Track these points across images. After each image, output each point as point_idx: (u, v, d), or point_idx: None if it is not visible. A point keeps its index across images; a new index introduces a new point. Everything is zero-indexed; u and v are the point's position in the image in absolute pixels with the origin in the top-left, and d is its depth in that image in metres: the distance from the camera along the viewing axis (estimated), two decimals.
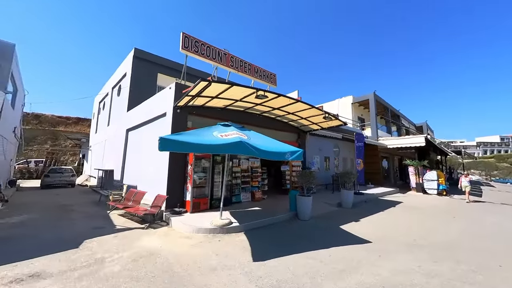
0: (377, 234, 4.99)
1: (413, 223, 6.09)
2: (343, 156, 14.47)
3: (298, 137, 11.24)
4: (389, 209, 7.94)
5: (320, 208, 7.44)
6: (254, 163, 8.64)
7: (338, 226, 5.55)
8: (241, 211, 6.44)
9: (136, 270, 3.14)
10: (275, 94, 6.46)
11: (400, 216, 6.83)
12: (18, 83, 10.20)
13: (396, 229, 5.46)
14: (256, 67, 9.62)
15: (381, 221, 6.17)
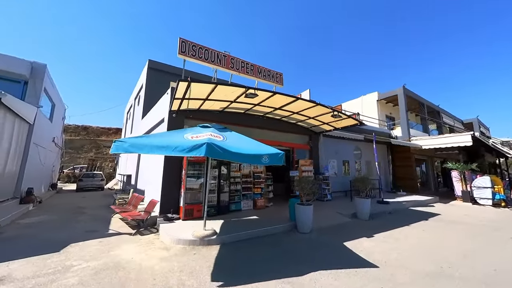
0: (390, 256, 3.97)
1: (446, 243, 4.77)
2: (366, 159, 12.87)
3: (309, 139, 10.34)
4: (419, 222, 6.51)
5: (329, 219, 6.50)
6: (257, 168, 8.10)
7: (342, 242, 4.64)
8: (235, 220, 5.96)
9: (90, 285, 2.92)
10: (269, 92, 5.93)
11: (431, 233, 5.47)
12: (55, 99, 11.68)
13: (420, 250, 4.29)
14: (259, 67, 9.19)
15: (402, 238, 4.99)
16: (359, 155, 12.65)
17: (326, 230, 5.58)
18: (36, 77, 8.85)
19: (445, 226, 6.15)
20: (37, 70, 8.87)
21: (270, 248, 4.26)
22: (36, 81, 8.83)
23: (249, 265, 3.52)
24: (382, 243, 4.67)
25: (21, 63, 8.37)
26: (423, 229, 5.82)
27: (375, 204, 8.87)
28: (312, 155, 10.20)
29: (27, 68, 8.54)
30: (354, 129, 12.23)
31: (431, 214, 7.77)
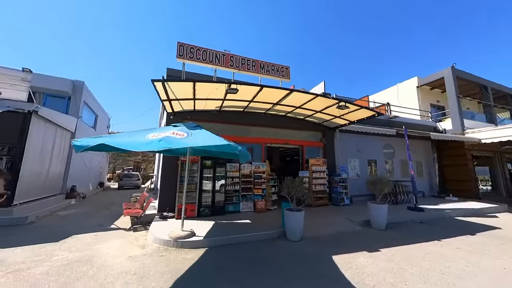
0: (385, 279, 3.07)
1: (484, 271, 3.44)
2: (402, 158, 10.85)
3: (322, 135, 9.32)
4: (459, 237, 4.99)
5: (333, 226, 5.62)
6: (259, 168, 7.68)
7: (332, 255, 3.86)
8: (225, 223, 5.72)
9: (52, 276, 3.13)
10: (255, 85, 5.51)
11: (467, 253, 4.07)
12: (97, 110, 13.76)
13: (435, 277, 3.20)
14: (262, 63, 8.76)
15: (417, 257, 3.85)
16: (390, 154, 10.78)
17: (322, 239, 4.81)
18: (77, 92, 10.53)
19: (498, 246, 4.52)
20: (77, 87, 10.56)
21: (245, 257, 3.84)
22: (77, 96, 10.52)
23: (210, 276, 3.21)
24: (383, 261, 3.69)
25: (65, 82, 10.11)
26: (458, 247, 4.41)
27: (404, 210, 7.36)
28: (326, 153, 9.15)
29: (69, 86, 10.26)
30: (383, 122, 10.59)
31: (485, 227, 5.90)
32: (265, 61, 8.81)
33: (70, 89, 10.30)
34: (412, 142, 11.06)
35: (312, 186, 8.30)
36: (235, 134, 7.99)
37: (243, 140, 8.17)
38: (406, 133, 8.47)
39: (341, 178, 8.52)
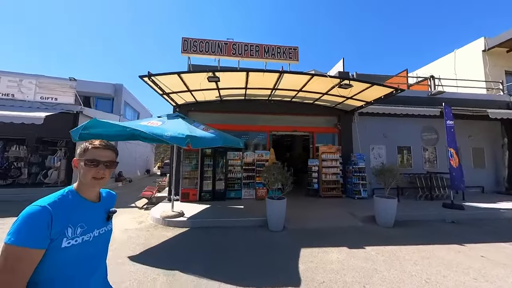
0: (339, 278, 2.68)
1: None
2: None
3: (338, 120, 8.37)
4: (492, 244, 3.82)
5: (329, 220, 5.18)
6: (262, 156, 7.58)
7: (304, 247, 3.59)
8: (219, 208, 5.99)
9: None
10: (238, 71, 5.34)
11: (486, 265, 3.07)
12: (138, 108, 16.03)
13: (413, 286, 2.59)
14: (266, 46, 8.33)
15: (410, 260, 3.15)
16: (433, 140, 8.84)
17: (308, 231, 4.49)
18: (118, 94, 12.51)
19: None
20: (118, 89, 12.52)
21: (215, 241, 3.98)
22: (118, 97, 12.50)
23: (178, 253, 3.50)
24: (359, 259, 3.20)
25: (107, 86, 12.12)
26: (482, 255, 3.39)
27: (436, 207, 6.06)
28: (342, 140, 8.22)
29: (111, 89, 12.26)
30: (423, 100, 8.70)
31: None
32: (270, 44, 8.38)
33: (112, 92, 12.31)
34: (468, 124, 8.76)
35: (322, 176, 7.69)
36: (239, 123, 8.06)
37: (247, 128, 8.18)
38: (448, 111, 6.71)
39: (357, 167, 7.55)
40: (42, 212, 0.77)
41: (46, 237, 0.76)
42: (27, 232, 0.74)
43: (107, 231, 1.00)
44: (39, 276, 0.77)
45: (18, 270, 0.73)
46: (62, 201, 0.85)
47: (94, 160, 0.90)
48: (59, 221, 0.79)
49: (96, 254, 0.94)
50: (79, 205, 0.89)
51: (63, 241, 0.80)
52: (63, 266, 0.81)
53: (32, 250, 0.74)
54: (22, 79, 7.88)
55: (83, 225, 0.87)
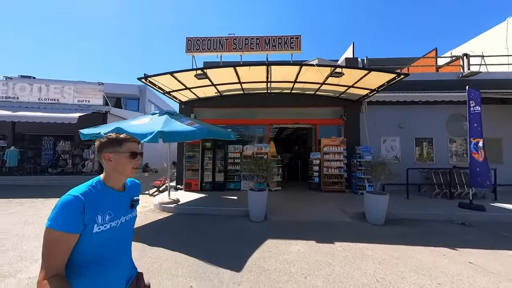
0: (295, 270, 2.73)
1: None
2: (488, 135, 7.39)
3: (343, 111, 7.86)
4: (494, 251, 3.27)
5: (318, 214, 5.08)
6: (261, 149, 7.68)
7: (272, 238, 3.69)
8: (215, 197, 6.40)
9: None
10: (225, 67, 5.49)
11: (469, 271, 2.66)
12: (161, 104, 17.55)
13: (355, 283, 2.48)
14: (267, 38, 8.21)
15: (376, 259, 2.95)
16: (462, 129, 7.58)
17: (289, 224, 4.51)
18: (142, 94, 13.96)
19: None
20: (142, 90, 13.97)
21: (197, 226, 4.35)
22: (143, 96, 13.96)
23: (155, 232, 4.02)
24: (321, 254, 3.15)
25: (133, 87, 13.62)
26: (471, 261, 2.96)
27: (450, 207, 5.35)
28: (347, 132, 7.71)
29: (137, 90, 13.74)
30: (451, 84, 7.49)
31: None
32: (270, 36, 8.27)
33: (138, 92, 13.79)
34: (506, 110, 7.24)
35: (324, 169, 7.42)
36: (239, 117, 8.27)
37: (247, 122, 8.33)
38: (475, 96, 5.65)
39: (363, 161, 7.03)
40: (76, 201, 0.86)
41: (80, 223, 0.85)
42: (63, 218, 0.83)
43: (132, 217, 1.09)
44: (76, 257, 0.88)
45: (57, 251, 0.82)
46: (92, 191, 0.93)
47: (134, 153, 1.00)
48: (91, 209, 0.88)
49: (123, 238, 1.04)
50: (107, 195, 0.97)
51: (94, 227, 0.89)
52: (96, 249, 0.91)
53: (68, 234, 0.83)
54: (64, 86, 9.51)
55: (110, 213, 0.95)
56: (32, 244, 3.42)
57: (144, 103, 14.05)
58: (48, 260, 0.82)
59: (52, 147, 9.63)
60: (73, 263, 0.89)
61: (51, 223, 0.83)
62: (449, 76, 7.78)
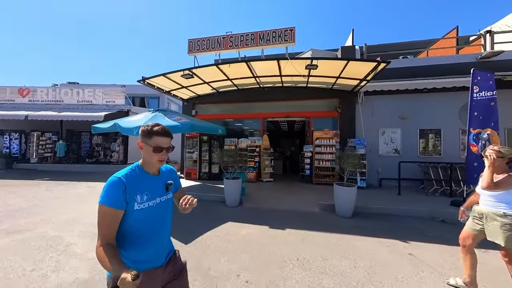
0: (219, 248, 3.14)
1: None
2: (508, 124, 6.38)
3: (338, 102, 7.62)
4: (452, 246, 3.11)
5: (292, 204, 5.31)
6: (255, 142, 8.05)
7: (231, 221, 4.13)
8: (208, 185, 7.08)
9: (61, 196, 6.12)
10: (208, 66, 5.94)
11: (402, 262, 2.64)
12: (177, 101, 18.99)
13: (261, 264, 2.74)
14: (261, 33, 8.28)
15: (306, 241, 3.15)
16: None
17: (260, 211, 4.86)
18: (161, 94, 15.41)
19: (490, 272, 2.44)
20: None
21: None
22: (162, 95, 15.43)
23: None
24: (261, 237, 3.46)
25: None
26: (411, 253, 2.91)
27: (439, 204, 4.98)
28: (343, 124, 7.49)
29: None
30: (470, 66, 6.59)
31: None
32: (264, 30, 8.35)
33: (158, 92, 15.26)
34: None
35: (315, 162, 7.42)
36: (235, 112, 8.72)
37: (242, 116, 8.73)
38: (484, 79, 4.95)
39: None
40: (119, 182, 0.99)
41: (123, 200, 0.98)
42: (109, 196, 0.97)
43: (168, 199, 1.20)
44: (124, 231, 1.03)
45: (107, 223, 0.97)
46: (131, 174, 1.06)
47: (158, 148, 1.07)
48: (131, 189, 1.01)
49: (161, 217, 1.15)
50: (144, 178, 1.09)
51: (134, 205, 1.01)
52: (137, 223, 1.04)
53: (114, 209, 0.96)
54: (95, 89, 11.28)
55: (148, 193, 1.07)
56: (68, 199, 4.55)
57: (164, 101, 15.54)
58: (101, 230, 0.97)
59: (88, 141, 11.62)
60: (122, 235, 1.04)
61: (101, 199, 0.98)
62: (465, 58, 6.79)
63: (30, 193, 6.13)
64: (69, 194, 6.12)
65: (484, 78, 4.88)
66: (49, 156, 11.32)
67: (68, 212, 4.54)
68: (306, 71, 5.78)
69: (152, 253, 1.11)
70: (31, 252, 2.91)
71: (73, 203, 5.23)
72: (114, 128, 5.15)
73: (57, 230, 3.66)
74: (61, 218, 4.19)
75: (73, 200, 5.50)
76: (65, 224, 3.93)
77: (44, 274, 2.45)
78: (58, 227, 3.79)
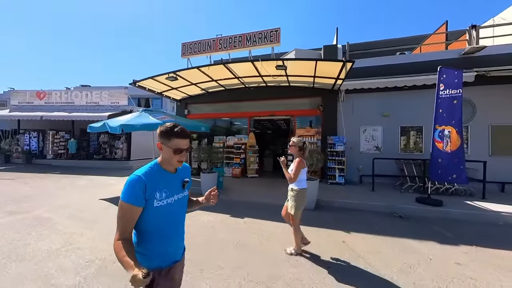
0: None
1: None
2: (493, 120, 6.23)
3: (321, 101, 7.78)
4: (392, 238, 3.31)
5: (263, 197, 5.67)
6: (241, 140, 8.45)
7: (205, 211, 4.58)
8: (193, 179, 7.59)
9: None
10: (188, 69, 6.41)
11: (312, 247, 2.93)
12: None
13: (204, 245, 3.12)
14: (248, 35, 8.62)
15: (246, 228, 3.50)
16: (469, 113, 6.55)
17: (235, 202, 5.25)
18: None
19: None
20: None
21: None
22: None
23: None
24: (220, 224, 3.90)
25: None
26: (344, 241, 3.16)
27: (405, 199, 5.08)
28: (324, 122, 7.66)
29: None
30: (453, 62, 6.55)
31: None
32: (251, 32, 8.69)
33: None
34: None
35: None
36: (224, 111, 9.16)
37: (231, 115, 9.15)
38: (450, 76, 4.95)
39: (334, 151, 7.00)
40: (139, 180, 1.03)
41: (142, 198, 1.02)
42: (130, 193, 1.01)
43: (184, 196, 1.22)
44: (142, 227, 1.06)
45: (125, 219, 1.02)
46: (151, 172, 1.08)
47: (178, 149, 1.10)
48: (150, 186, 1.04)
49: (178, 213, 1.19)
50: (162, 176, 1.12)
51: (154, 202, 1.05)
52: (157, 219, 1.08)
53: (134, 206, 1.01)
54: (102, 92, 12.26)
55: (166, 191, 1.10)
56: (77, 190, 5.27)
57: (166, 101, 16.39)
58: (120, 225, 1.01)
59: (96, 139, 12.66)
60: (140, 231, 1.07)
61: (122, 196, 1.01)
62: (449, 54, 6.68)
63: (39, 184, 7.01)
64: (71, 185, 6.91)
65: (450, 76, 4.90)
66: (63, 152, 12.51)
67: (63, 200, 5.24)
68: (277, 72, 6.05)
69: (172, 249, 1.17)
70: (23, 228, 3.55)
71: (71, 193, 5.96)
72: (104, 127, 5.78)
73: (50, 212, 4.32)
74: (55, 204, 4.89)
75: (72, 191, 6.25)
76: (58, 208, 4.60)
77: (27, 243, 3.04)
78: (52, 210, 4.46)
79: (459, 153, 4.70)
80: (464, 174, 4.66)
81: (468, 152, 6.41)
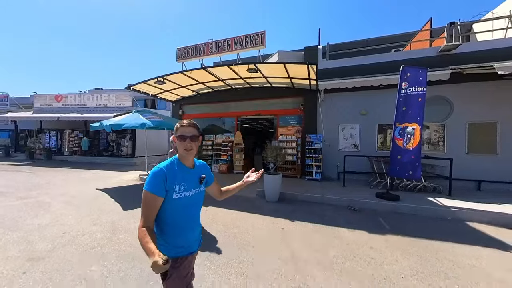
0: None
1: None
2: (470, 118, 6.19)
3: (303, 101, 8.08)
4: (332, 227, 3.66)
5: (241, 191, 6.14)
6: (229, 138, 8.99)
7: None
8: None
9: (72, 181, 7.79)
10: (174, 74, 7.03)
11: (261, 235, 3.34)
12: None
13: None
14: (236, 38, 9.06)
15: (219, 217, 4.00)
16: (442, 112, 6.57)
17: (207, 194, 5.87)
18: None
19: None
20: None
21: None
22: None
23: (115, 192, 6.23)
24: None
25: None
26: (283, 227, 3.58)
27: (371, 197, 5.32)
28: (305, 121, 7.96)
29: None
30: (430, 61, 6.63)
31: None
32: (239, 36, 9.16)
33: None
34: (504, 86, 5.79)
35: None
36: (214, 111, 9.74)
37: (220, 115, 9.71)
38: (414, 75, 5.09)
39: (312, 148, 7.30)
40: (161, 172, 1.14)
41: (163, 188, 1.12)
42: (152, 184, 1.11)
43: (200, 191, 1.32)
44: (163, 218, 1.17)
45: (148, 207, 1.11)
46: (171, 166, 1.20)
47: (182, 136, 1.20)
48: (170, 179, 1.14)
49: (195, 206, 1.29)
50: (181, 170, 1.22)
51: (173, 194, 1.14)
52: (175, 211, 1.18)
53: (157, 196, 1.11)
54: (110, 94, 13.42)
55: (184, 184, 1.20)
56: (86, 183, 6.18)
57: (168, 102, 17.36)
58: (144, 212, 1.10)
59: (105, 137, 13.90)
60: (163, 223, 1.17)
61: (145, 186, 1.11)
62: (426, 52, 6.66)
63: (50, 176, 8.08)
64: (76, 178, 7.89)
65: (414, 75, 5.04)
66: (77, 150, 13.90)
67: (65, 189, 6.13)
68: (253, 74, 6.48)
69: (190, 240, 1.25)
70: (26, 208, 4.38)
71: (74, 184, 6.88)
72: (101, 126, 6.60)
73: (51, 198, 5.17)
74: (58, 192, 5.76)
75: (76, 182, 7.18)
76: (59, 195, 5.45)
77: (25, 219, 3.82)
78: (53, 197, 5.31)
79: (418, 151, 4.86)
80: (419, 170, 4.81)
81: (445, 150, 6.43)
